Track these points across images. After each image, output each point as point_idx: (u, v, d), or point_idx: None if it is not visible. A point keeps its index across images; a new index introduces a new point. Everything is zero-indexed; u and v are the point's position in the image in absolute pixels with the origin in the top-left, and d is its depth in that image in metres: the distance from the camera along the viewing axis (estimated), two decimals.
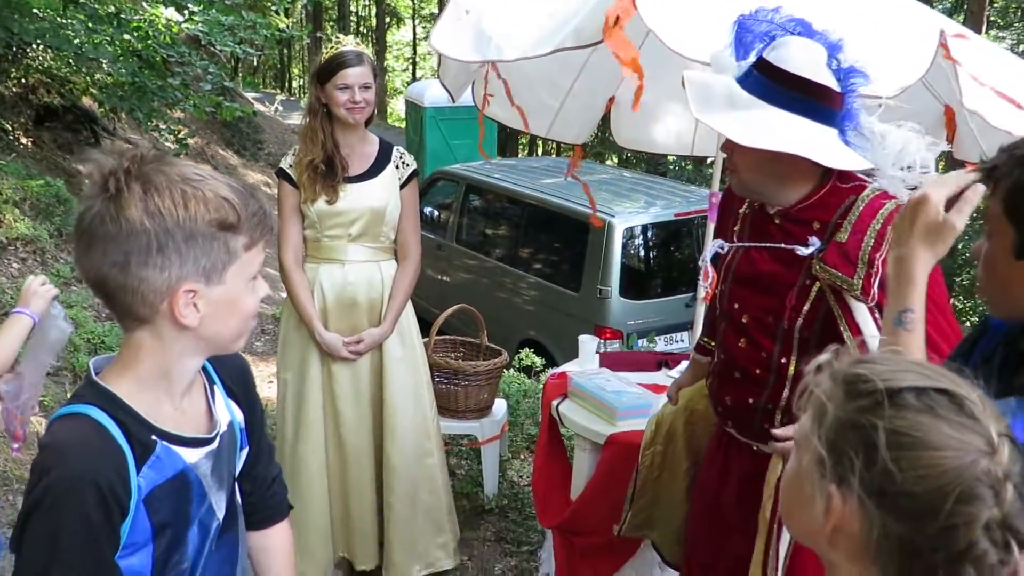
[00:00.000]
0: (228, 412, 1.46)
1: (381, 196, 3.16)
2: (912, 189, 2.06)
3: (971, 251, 1.55)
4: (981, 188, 1.41)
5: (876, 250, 1.96)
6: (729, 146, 2.06)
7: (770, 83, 1.94)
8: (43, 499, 1.18)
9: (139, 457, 1.26)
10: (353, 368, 3.22)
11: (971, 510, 0.91)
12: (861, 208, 2.01)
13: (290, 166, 3.18)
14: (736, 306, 2.21)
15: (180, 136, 7.90)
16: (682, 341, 6.72)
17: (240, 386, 1.51)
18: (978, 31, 15.06)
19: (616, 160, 17.99)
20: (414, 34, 36.05)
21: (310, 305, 3.16)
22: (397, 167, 3.22)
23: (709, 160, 4.57)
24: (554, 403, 3.25)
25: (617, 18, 2.36)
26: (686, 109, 3.86)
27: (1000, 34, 15.54)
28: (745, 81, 1.98)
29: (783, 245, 2.10)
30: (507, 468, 4.35)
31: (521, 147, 19.47)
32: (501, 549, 3.83)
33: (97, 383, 1.29)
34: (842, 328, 2.05)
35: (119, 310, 1.28)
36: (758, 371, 2.18)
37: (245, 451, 1.51)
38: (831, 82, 1.97)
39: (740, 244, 2.22)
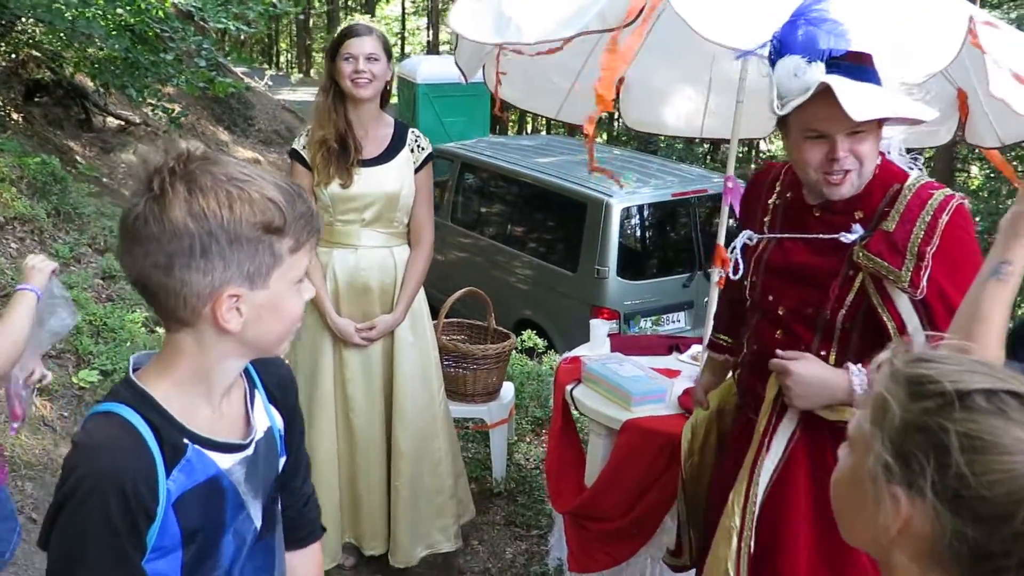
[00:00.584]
0: (268, 418, 1.43)
1: (395, 180, 3.12)
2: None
3: None
4: None
5: (927, 243, 1.92)
6: (847, 147, 1.94)
7: (865, 68, 1.92)
8: (70, 497, 1.17)
9: (169, 460, 1.23)
10: (364, 354, 3.20)
11: None
12: (908, 197, 1.96)
13: (303, 147, 3.13)
14: (771, 298, 2.17)
15: (174, 114, 7.79)
16: (679, 321, 6.73)
17: (282, 393, 1.47)
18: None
19: (606, 137, 17.91)
20: (403, 9, 35.73)
21: (323, 290, 3.13)
22: (412, 151, 3.17)
23: (697, 140, 4.55)
24: (568, 388, 3.24)
25: (641, 10, 2.34)
26: (697, 92, 3.90)
27: (991, 13, 15.52)
28: (848, 73, 1.91)
29: (822, 236, 2.05)
30: (514, 451, 4.35)
31: (512, 124, 19.37)
32: (511, 533, 3.83)
33: (134, 382, 1.26)
34: (885, 318, 2.00)
35: (161, 311, 1.24)
36: None
37: (283, 459, 1.47)
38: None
39: (776, 235, 2.17)
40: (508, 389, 4.18)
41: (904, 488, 0.95)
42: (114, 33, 7.26)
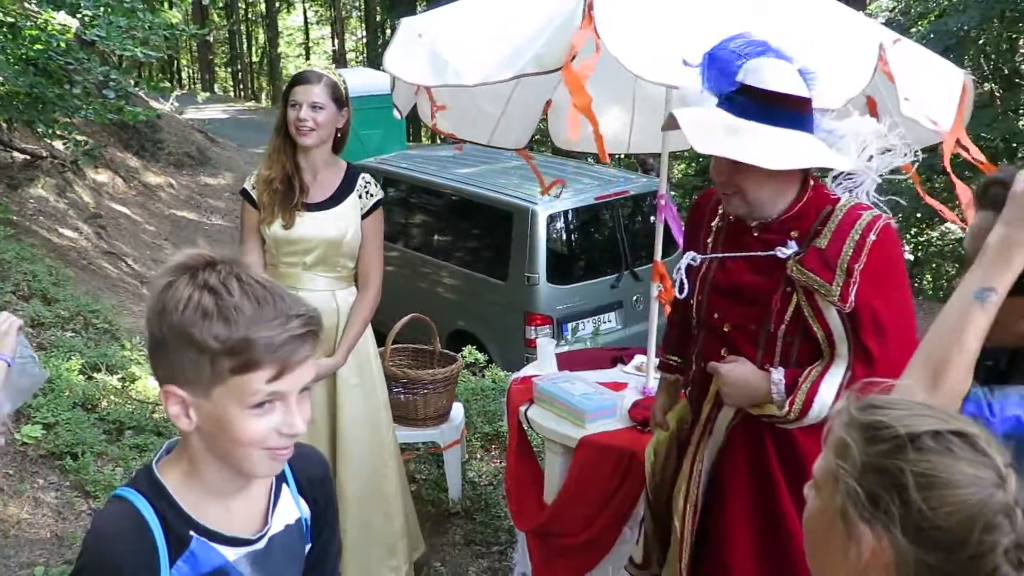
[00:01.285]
0: (297, 509, 1.45)
1: (339, 227, 3.12)
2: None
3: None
4: None
5: (855, 260, 2.07)
6: (726, 172, 2.12)
7: (759, 105, 2.03)
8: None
9: (173, 551, 1.28)
10: None
11: (993, 538, 1.01)
12: (840, 217, 2.12)
13: (252, 187, 3.15)
14: (716, 316, 2.30)
15: (86, 147, 7.61)
16: (610, 321, 6.89)
17: (311, 487, 1.48)
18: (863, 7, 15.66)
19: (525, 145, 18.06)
20: (305, 19, 35.35)
21: None
22: (360, 196, 3.17)
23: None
24: (521, 409, 3.34)
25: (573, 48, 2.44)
26: (623, 110, 4.04)
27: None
28: (731, 108, 2.07)
29: (760, 253, 2.20)
30: (467, 470, 4.43)
31: (425, 135, 19.36)
32: (472, 551, 3.91)
33: (151, 471, 1.32)
34: (815, 328, 2.14)
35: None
36: None
37: (308, 546, 1.48)
38: (805, 91, 2.10)
39: (716, 255, 2.31)
40: (458, 410, 4.25)
41: (870, 524, 1.07)
42: (16, 68, 7.06)
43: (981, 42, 13.80)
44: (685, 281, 2.38)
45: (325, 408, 3.25)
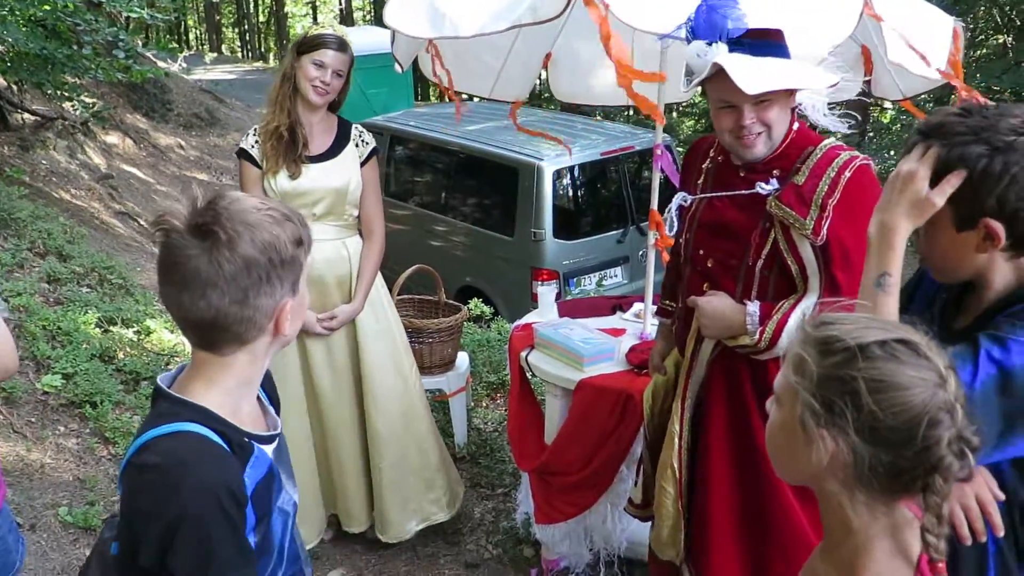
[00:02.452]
0: (271, 407, 1.60)
1: (342, 175, 3.26)
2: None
3: None
4: (961, 175, 1.54)
5: (829, 196, 2.18)
6: (753, 112, 2.17)
7: (767, 43, 2.14)
8: (185, 512, 1.28)
9: (242, 460, 1.40)
10: (327, 343, 3.35)
11: (937, 433, 1.14)
12: (818, 156, 2.23)
13: (252, 145, 3.24)
14: (701, 252, 2.42)
15: (95, 109, 7.68)
16: (616, 276, 6.98)
17: (272, 389, 1.65)
18: None
19: (527, 99, 18.00)
20: None
21: None
22: (357, 145, 3.31)
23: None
24: (523, 354, 3.44)
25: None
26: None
27: None
28: (750, 50, 2.14)
29: (743, 192, 2.30)
30: (472, 417, 4.56)
31: (433, 94, 19.32)
32: (477, 494, 4.05)
33: (186, 400, 1.39)
34: (789, 262, 2.25)
35: (225, 339, 1.38)
36: None
37: None
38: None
39: (705, 195, 2.43)
40: (463, 359, 4.37)
41: (828, 429, 1.18)
42: (24, 29, 7.13)
43: None
44: (675, 220, 2.49)
45: (347, 354, 3.40)
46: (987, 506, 1.58)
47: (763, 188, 2.26)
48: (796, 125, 2.30)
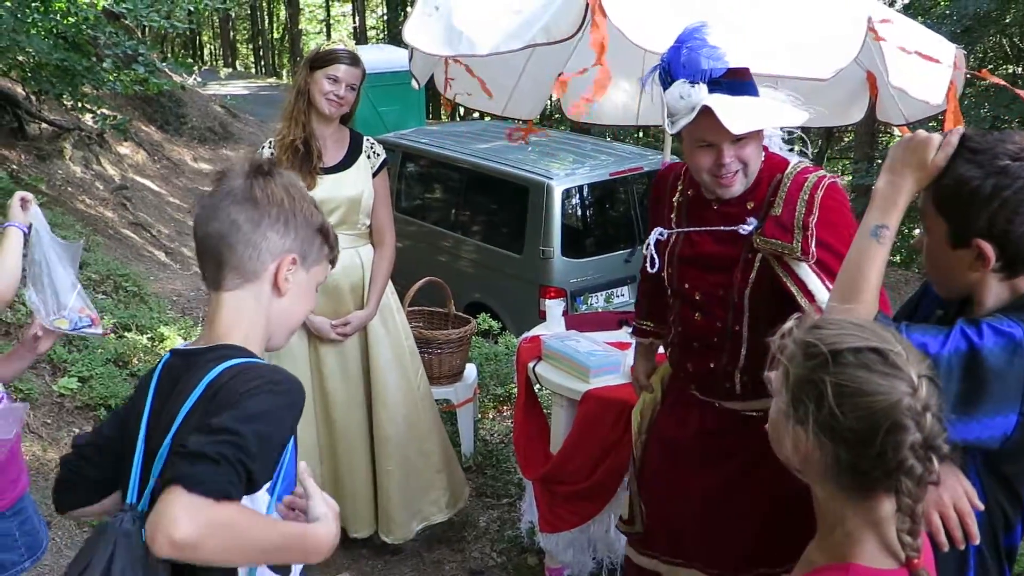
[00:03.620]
0: None
1: (356, 185, 3.37)
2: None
3: (913, 243, 1.85)
4: (959, 131, 1.66)
5: (808, 216, 2.24)
6: (732, 151, 2.22)
7: (742, 82, 2.19)
8: (276, 385, 1.40)
9: None
10: (339, 348, 3.44)
11: (899, 438, 1.22)
12: (788, 184, 2.29)
13: (271, 145, 3.35)
14: (687, 286, 2.47)
15: (115, 121, 7.81)
16: (623, 295, 7.05)
17: None
18: None
19: (538, 118, 18.12)
20: None
21: None
22: (369, 157, 3.44)
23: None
24: (530, 365, 3.52)
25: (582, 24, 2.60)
26: (631, 83, 4.18)
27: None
28: (728, 90, 2.18)
29: (723, 228, 2.36)
30: (479, 428, 4.63)
31: (444, 113, 19.48)
32: (483, 503, 4.12)
33: (229, 344, 1.50)
34: (790, 285, 2.30)
35: (232, 263, 1.52)
36: (715, 339, 2.44)
37: None
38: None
39: (683, 230, 2.47)
40: (471, 370, 4.45)
41: (800, 426, 1.29)
42: (46, 41, 7.26)
43: (1007, 20, 13.73)
44: (655, 255, 2.54)
45: (359, 360, 3.51)
46: (965, 516, 1.65)
47: (744, 230, 2.31)
48: (763, 156, 2.35)
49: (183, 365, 1.51)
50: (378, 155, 3.46)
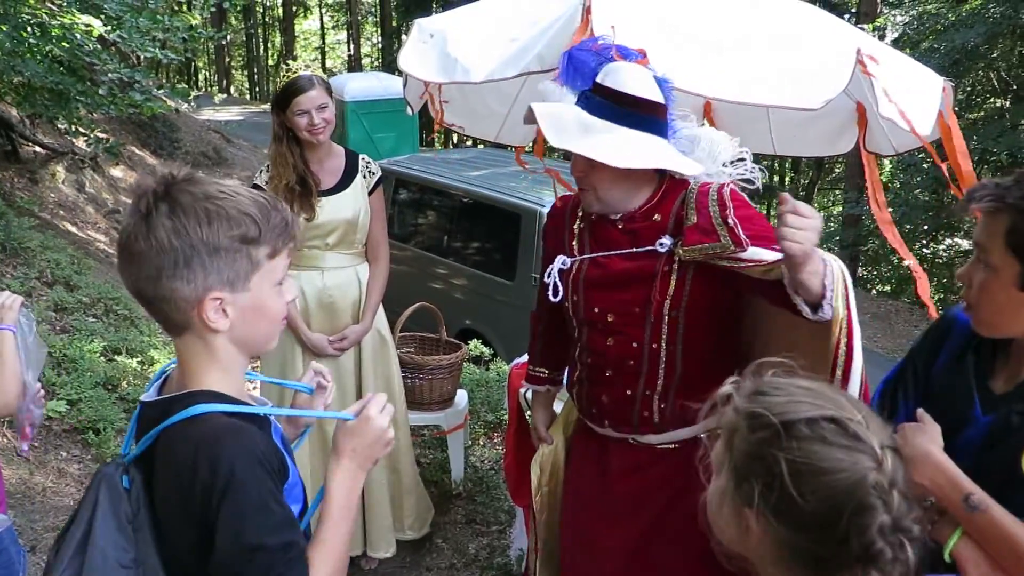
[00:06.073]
0: None
1: (353, 206, 3.41)
2: (746, 182, 2.33)
3: (959, 274, 1.71)
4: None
5: (724, 213, 2.16)
6: (583, 168, 2.19)
7: (612, 106, 2.13)
8: (230, 481, 1.30)
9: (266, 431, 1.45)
10: (336, 364, 3.45)
11: (864, 520, 1.06)
12: (695, 196, 2.22)
13: (265, 183, 3.36)
14: (596, 310, 2.35)
15: (108, 145, 7.83)
16: None
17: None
18: (874, 10, 15.77)
19: (530, 146, 18.23)
20: (321, 23, 35.69)
21: (293, 309, 3.36)
22: (364, 176, 3.49)
23: None
24: (521, 391, 3.50)
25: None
26: None
27: (892, 12, 16.31)
28: (588, 106, 2.15)
29: (635, 249, 2.27)
30: (469, 454, 4.61)
31: (438, 139, 19.62)
32: (472, 530, 4.09)
33: (194, 390, 1.41)
34: (750, 273, 2.15)
35: (160, 318, 1.44)
36: (631, 362, 2.32)
37: None
38: (659, 97, 2.19)
39: (592, 255, 2.36)
40: (462, 396, 4.44)
41: (748, 507, 1.13)
42: (42, 65, 7.28)
43: (994, 55, 13.92)
44: (559, 284, 2.41)
45: (353, 374, 3.56)
46: None
47: (663, 246, 2.24)
48: (666, 183, 2.29)
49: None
50: (373, 173, 3.52)
